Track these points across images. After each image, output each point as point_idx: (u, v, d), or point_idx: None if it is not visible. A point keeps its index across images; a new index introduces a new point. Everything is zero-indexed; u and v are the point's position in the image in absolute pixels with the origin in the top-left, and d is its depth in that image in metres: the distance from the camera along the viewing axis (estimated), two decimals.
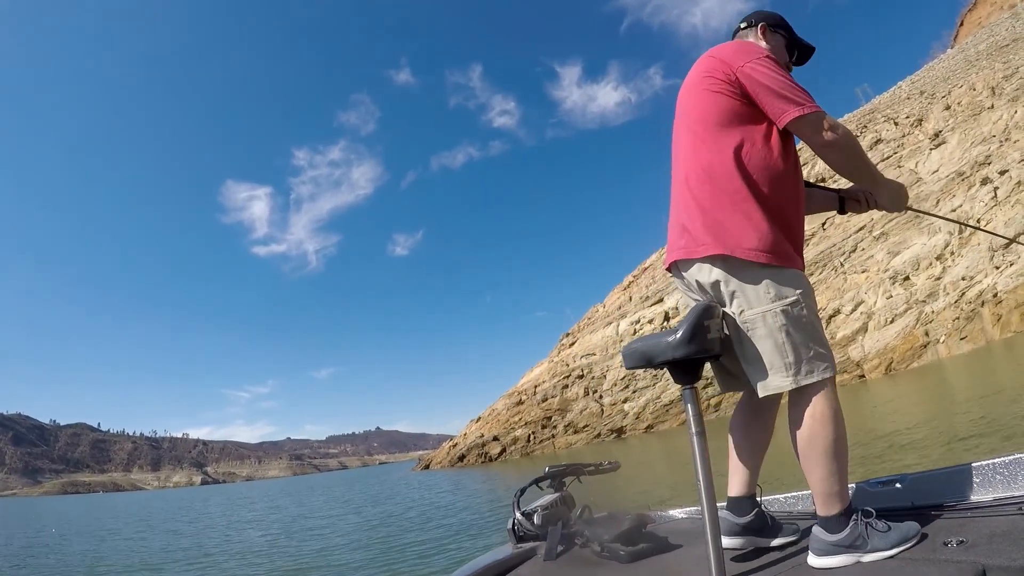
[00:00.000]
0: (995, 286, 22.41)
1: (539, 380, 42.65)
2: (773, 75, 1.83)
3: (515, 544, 2.48)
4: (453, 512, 13.57)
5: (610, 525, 2.26)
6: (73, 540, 19.35)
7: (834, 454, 1.70)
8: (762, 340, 1.77)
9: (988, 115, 30.91)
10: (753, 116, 1.87)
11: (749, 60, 1.87)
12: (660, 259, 45.62)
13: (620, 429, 33.82)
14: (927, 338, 23.26)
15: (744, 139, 1.85)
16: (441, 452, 48.69)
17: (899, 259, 27.02)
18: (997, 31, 49.17)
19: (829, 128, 1.78)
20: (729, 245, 1.79)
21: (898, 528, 1.65)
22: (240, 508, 30.62)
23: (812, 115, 1.78)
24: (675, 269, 2.04)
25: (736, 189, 1.81)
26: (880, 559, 1.60)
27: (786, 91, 1.81)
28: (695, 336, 1.72)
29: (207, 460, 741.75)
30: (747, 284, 1.78)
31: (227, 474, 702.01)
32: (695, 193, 1.89)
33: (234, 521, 21.56)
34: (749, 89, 1.86)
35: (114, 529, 22.70)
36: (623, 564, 2.06)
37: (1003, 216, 24.12)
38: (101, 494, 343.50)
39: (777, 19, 2.22)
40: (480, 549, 7.58)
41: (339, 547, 10.93)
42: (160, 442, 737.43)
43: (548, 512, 2.47)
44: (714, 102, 1.90)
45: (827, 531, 1.68)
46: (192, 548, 13.73)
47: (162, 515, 30.53)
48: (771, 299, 1.76)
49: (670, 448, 20.56)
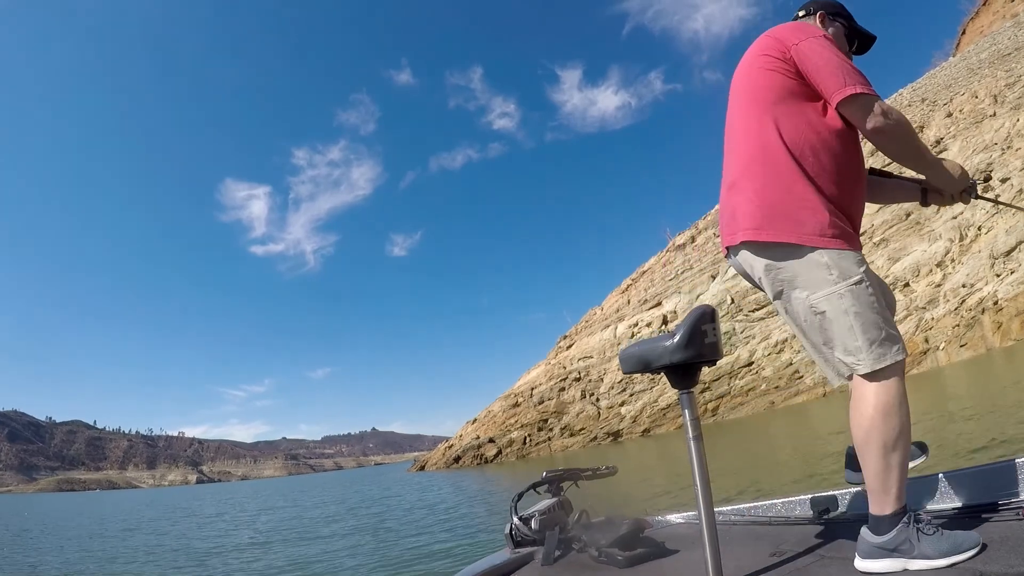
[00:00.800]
0: (995, 293, 22.31)
1: (536, 382, 42.47)
2: (828, 54, 1.79)
3: (512, 549, 2.50)
4: (454, 515, 13.40)
5: (607, 530, 2.26)
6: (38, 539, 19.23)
7: (893, 448, 1.60)
8: (831, 324, 1.70)
9: (990, 123, 30.81)
10: (809, 95, 1.82)
11: (805, 38, 1.83)
12: (659, 262, 45.61)
13: (617, 432, 33.67)
14: (927, 345, 23.15)
15: (799, 119, 1.81)
16: (436, 453, 48.50)
17: (899, 265, 26.94)
18: (999, 40, 49.06)
19: (881, 113, 1.71)
20: (785, 229, 1.74)
21: (952, 536, 1.52)
22: (233, 508, 30.43)
23: (864, 97, 1.72)
24: (731, 253, 1.98)
25: (791, 170, 1.77)
26: (928, 568, 1.48)
27: (840, 71, 1.75)
28: (692, 340, 1.71)
29: (202, 459, 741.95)
30: (808, 268, 1.72)
31: (222, 473, 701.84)
32: (749, 175, 1.85)
33: (226, 522, 21.38)
34: (803, 67, 1.81)
35: (96, 532, 22.52)
36: (621, 569, 2.06)
37: (1004, 224, 24.05)
38: (97, 492, 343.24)
39: (837, 6, 2.15)
40: (477, 554, 7.42)
41: (336, 550, 10.77)
42: (156, 440, 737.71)
43: (546, 517, 2.49)
44: (768, 80, 1.86)
45: (874, 532, 1.59)
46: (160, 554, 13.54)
47: (151, 514, 30.35)
48: (835, 280, 1.69)
49: (667, 452, 20.44)
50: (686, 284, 38.19)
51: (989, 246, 23.94)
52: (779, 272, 1.77)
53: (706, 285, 36.36)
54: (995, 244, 23.70)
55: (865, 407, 1.64)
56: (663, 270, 43.39)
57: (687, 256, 42.56)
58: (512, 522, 2.53)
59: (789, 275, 1.75)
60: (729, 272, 34.73)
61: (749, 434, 18.61)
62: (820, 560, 1.76)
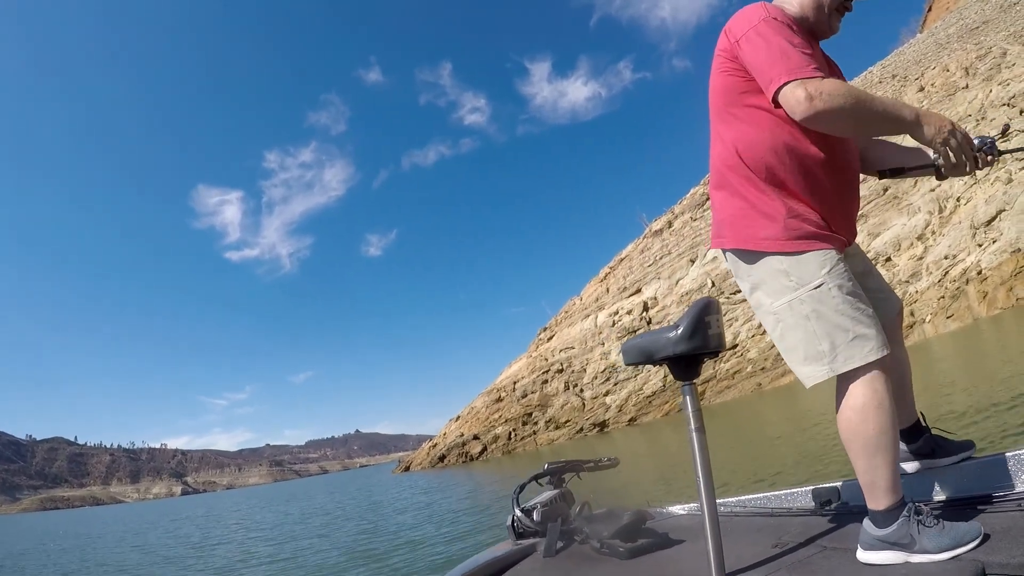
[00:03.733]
0: (979, 263, 22.20)
1: (518, 376, 41.94)
2: (763, 45, 1.64)
3: (515, 540, 2.50)
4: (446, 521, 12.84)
5: (609, 521, 2.26)
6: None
7: (876, 447, 1.57)
8: (792, 330, 1.67)
9: (963, 95, 30.77)
10: (761, 91, 1.68)
11: (746, 31, 1.69)
12: (636, 249, 45.32)
13: (603, 423, 33.26)
14: (912, 318, 22.96)
15: (752, 121, 1.72)
16: (421, 453, 47.85)
17: (879, 240, 26.79)
18: (966, 15, 49.37)
19: (807, 98, 1.52)
20: (742, 237, 1.73)
21: (954, 529, 1.49)
22: (216, 526, 29.68)
23: (788, 86, 1.56)
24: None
25: (746, 177, 1.72)
26: (928, 562, 1.48)
27: (768, 65, 1.61)
28: (696, 332, 1.73)
29: (186, 470, 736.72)
30: (769, 275, 1.70)
31: (207, 483, 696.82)
32: (714, 183, 1.84)
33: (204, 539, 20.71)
34: (746, 67, 1.70)
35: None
36: (623, 560, 2.06)
37: (983, 194, 23.99)
38: (84, 508, 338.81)
39: None
40: (480, 546, 7.28)
41: (325, 551, 10.22)
42: (138, 453, 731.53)
43: (547, 509, 2.49)
44: (723, 83, 1.78)
45: (875, 525, 1.57)
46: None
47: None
48: (794, 287, 1.65)
49: (657, 441, 20.03)
50: (665, 269, 37.89)
51: (969, 216, 23.85)
52: (746, 278, 1.78)
53: (686, 269, 36.07)
54: (975, 214, 23.57)
55: (844, 408, 1.63)
56: (641, 256, 43.05)
57: (664, 241, 42.31)
58: (514, 514, 2.51)
59: (754, 281, 1.75)
60: (708, 255, 34.48)
61: (738, 418, 18.27)
62: (822, 551, 1.74)
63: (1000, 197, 22.97)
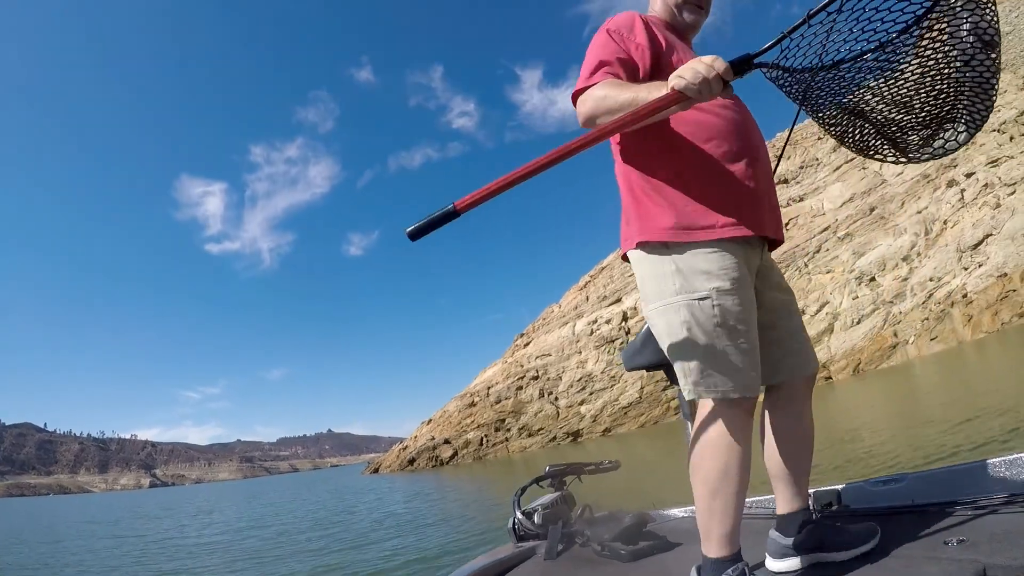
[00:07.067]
0: (964, 287, 22.00)
1: (492, 381, 41.38)
2: (588, 57, 1.63)
3: (516, 543, 2.49)
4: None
5: (610, 524, 2.28)
6: None
7: (716, 490, 1.45)
8: (662, 339, 1.56)
9: None
10: None
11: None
12: (617, 258, 44.92)
13: (576, 432, 32.79)
14: (896, 339, 22.71)
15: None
16: (391, 455, 47.16)
17: (864, 260, 26.64)
18: None
19: (577, 105, 1.56)
20: (629, 234, 1.65)
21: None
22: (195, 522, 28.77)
23: (574, 98, 1.59)
24: None
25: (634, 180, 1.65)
26: None
27: (580, 77, 1.61)
28: None
29: (156, 462, 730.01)
30: (648, 273, 1.59)
31: (176, 477, 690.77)
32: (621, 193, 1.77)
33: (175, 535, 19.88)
34: None
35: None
36: (624, 563, 2.05)
37: (971, 218, 23.88)
38: (50, 496, 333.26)
39: None
40: (480, 548, 6.81)
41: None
42: (108, 443, 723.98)
43: (548, 511, 2.49)
44: None
45: (708, 569, 1.45)
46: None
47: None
48: (675, 291, 1.51)
49: (634, 454, 19.49)
50: None
51: (956, 239, 23.67)
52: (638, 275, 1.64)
53: None
54: (962, 237, 23.37)
55: (695, 434, 1.54)
56: (622, 266, 42.68)
57: None
58: (515, 516, 2.50)
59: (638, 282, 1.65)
60: None
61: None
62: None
63: (988, 222, 22.85)
